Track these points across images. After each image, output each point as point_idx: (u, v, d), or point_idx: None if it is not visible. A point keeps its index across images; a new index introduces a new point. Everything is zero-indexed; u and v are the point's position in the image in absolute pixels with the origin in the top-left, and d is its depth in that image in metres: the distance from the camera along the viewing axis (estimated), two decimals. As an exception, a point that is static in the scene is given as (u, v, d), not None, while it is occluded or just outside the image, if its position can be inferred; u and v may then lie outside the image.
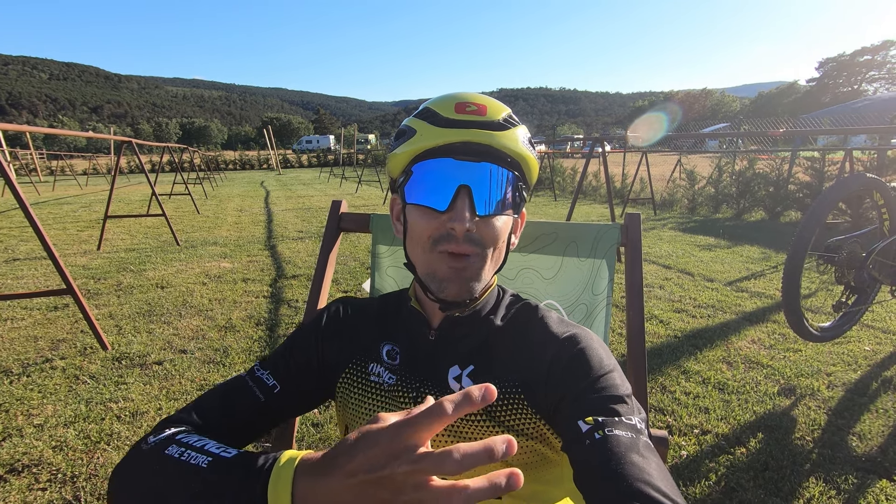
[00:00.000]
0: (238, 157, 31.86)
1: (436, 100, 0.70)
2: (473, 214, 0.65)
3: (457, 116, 0.66)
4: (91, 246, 5.91)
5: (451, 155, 0.65)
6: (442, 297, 0.68)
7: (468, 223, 0.64)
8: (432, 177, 0.66)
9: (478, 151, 0.65)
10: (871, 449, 1.88)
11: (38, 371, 2.57)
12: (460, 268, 0.66)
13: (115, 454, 1.87)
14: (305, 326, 0.79)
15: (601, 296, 0.96)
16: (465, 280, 0.67)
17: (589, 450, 0.53)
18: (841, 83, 62.37)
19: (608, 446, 0.51)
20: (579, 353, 0.64)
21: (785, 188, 7.43)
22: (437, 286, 0.67)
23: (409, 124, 0.70)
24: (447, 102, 0.68)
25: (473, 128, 0.65)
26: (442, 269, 0.66)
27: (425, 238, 0.67)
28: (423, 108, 0.70)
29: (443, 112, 0.67)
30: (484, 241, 0.67)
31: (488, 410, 0.66)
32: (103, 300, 3.77)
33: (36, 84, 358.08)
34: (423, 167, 0.67)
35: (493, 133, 0.66)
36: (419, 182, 0.67)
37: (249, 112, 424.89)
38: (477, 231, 0.66)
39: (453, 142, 0.65)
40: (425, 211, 0.67)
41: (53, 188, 16.24)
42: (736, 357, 2.69)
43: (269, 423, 0.71)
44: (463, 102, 0.67)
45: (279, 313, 3.43)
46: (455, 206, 0.64)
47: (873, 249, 2.42)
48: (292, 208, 9.75)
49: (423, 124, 0.68)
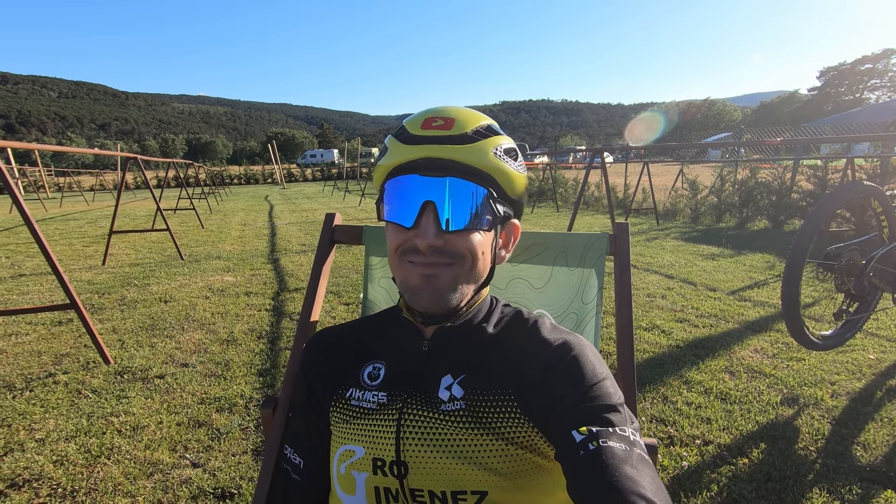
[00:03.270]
0: (243, 171, 32.11)
1: (413, 115, 0.71)
2: (439, 229, 0.65)
3: (421, 132, 0.67)
4: (96, 261, 5.96)
5: (416, 171, 0.66)
6: (415, 308, 0.69)
7: (432, 238, 0.64)
8: (399, 193, 0.67)
9: (440, 166, 0.66)
10: (876, 459, 1.86)
11: (41, 385, 2.59)
12: (430, 275, 0.66)
13: (116, 468, 1.87)
14: (297, 387, 0.81)
15: (591, 305, 0.96)
16: (437, 290, 0.67)
17: (583, 461, 0.53)
18: (842, 92, 62.46)
19: (602, 458, 0.52)
20: (572, 361, 0.64)
21: (788, 197, 7.42)
22: (410, 295, 0.69)
23: (386, 141, 0.71)
24: (418, 118, 0.69)
25: (436, 143, 0.66)
26: (412, 278, 0.67)
27: (394, 251, 0.69)
28: (400, 125, 0.71)
29: (410, 128, 0.68)
30: (456, 252, 0.67)
31: (481, 418, 0.65)
32: (107, 314, 3.80)
33: (45, 102, 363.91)
34: (392, 184, 0.69)
35: (455, 147, 0.66)
36: (389, 199, 0.69)
37: (254, 127, 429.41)
38: (449, 244, 0.66)
39: (416, 158, 0.67)
40: (395, 227, 0.68)
41: (61, 204, 16.43)
42: (738, 366, 2.67)
43: (316, 494, 0.75)
44: (431, 118, 0.68)
45: (281, 326, 3.44)
46: (420, 223, 0.65)
47: (873, 257, 2.41)
48: (296, 222, 9.81)
49: (394, 141, 0.69)
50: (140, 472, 1.86)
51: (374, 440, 0.68)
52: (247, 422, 2.21)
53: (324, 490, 0.75)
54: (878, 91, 59.93)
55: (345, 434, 0.71)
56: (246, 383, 2.57)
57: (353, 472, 0.68)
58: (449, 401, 0.68)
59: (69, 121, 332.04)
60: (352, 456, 0.69)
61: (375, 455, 0.67)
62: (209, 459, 1.93)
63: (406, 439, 0.66)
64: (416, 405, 0.69)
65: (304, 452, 0.76)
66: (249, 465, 1.89)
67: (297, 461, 0.76)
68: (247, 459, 1.93)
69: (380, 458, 0.67)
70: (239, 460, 1.92)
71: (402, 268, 0.69)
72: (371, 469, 0.67)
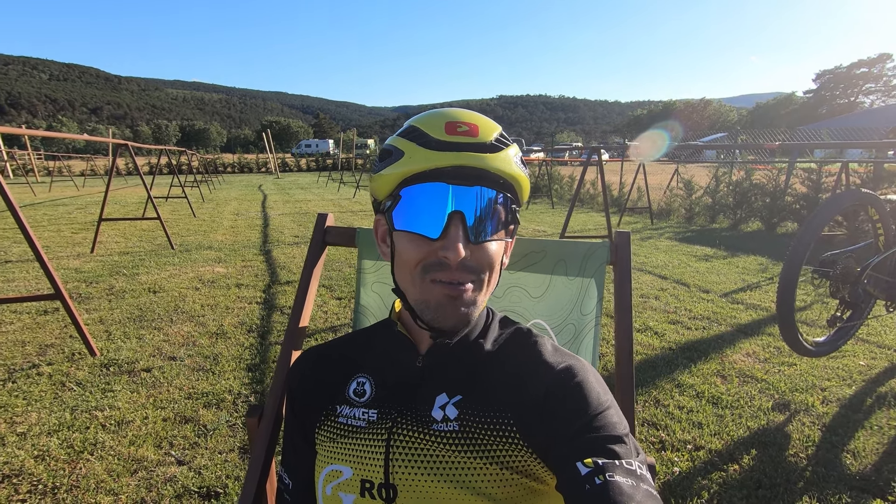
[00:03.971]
0: (237, 160, 31.78)
1: (423, 118, 0.66)
2: (467, 241, 0.61)
3: (448, 138, 0.62)
4: (85, 248, 5.87)
5: (442, 179, 0.61)
6: (437, 326, 0.65)
7: (463, 251, 0.60)
8: (423, 202, 0.62)
9: (471, 175, 0.62)
10: (866, 467, 1.86)
11: (24, 377, 2.54)
12: (455, 296, 0.62)
13: (99, 465, 1.84)
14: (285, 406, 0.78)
15: (589, 316, 0.94)
16: (461, 309, 0.63)
17: (588, 495, 0.51)
18: (838, 95, 62.88)
19: (609, 494, 0.50)
20: (576, 388, 0.61)
21: (782, 199, 7.44)
22: (431, 315, 0.64)
23: (395, 144, 0.65)
24: (436, 121, 0.64)
25: (466, 150, 0.61)
26: (435, 297, 0.63)
27: (414, 266, 0.64)
28: (409, 127, 0.65)
29: (432, 133, 0.62)
30: (480, 267, 0.64)
31: (475, 441, 0.63)
32: (94, 304, 3.74)
33: (36, 84, 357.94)
34: (412, 191, 0.63)
35: (485, 156, 0.62)
36: (408, 207, 0.63)
37: (249, 115, 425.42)
38: (474, 257, 0.63)
39: (445, 165, 0.62)
40: (415, 238, 0.63)
41: (50, 189, 16.18)
42: (730, 370, 2.67)
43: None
44: (454, 122, 0.63)
45: (272, 320, 3.40)
46: (448, 234, 0.61)
47: (868, 264, 2.41)
48: (289, 213, 9.72)
49: (411, 145, 0.63)
50: (124, 468, 1.82)
51: (363, 460, 0.65)
52: (234, 418, 2.18)
53: None
54: (872, 95, 60.35)
55: (331, 453, 0.68)
56: (235, 378, 2.54)
57: (339, 493, 0.65)
58: (442, 421, 0.65)
59: (60, 104, 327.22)
60: (338, 476, 0.66)
61: (363, 476, 0.64)
62: (195, 457, 1.90)
63: (396, 460, 0.64)
64: (406, 424, 0.66)
65: (292, 473, 0.74)
66: (236, 464, 1.86)
67: (287, 482, 0.75)
68: (233, 458, 1.90)
69: (368, 479, 0.64)
70: (225, 458, 1.89)
71: (423, 286, 0.64)
72: (359, 491, 0.64)
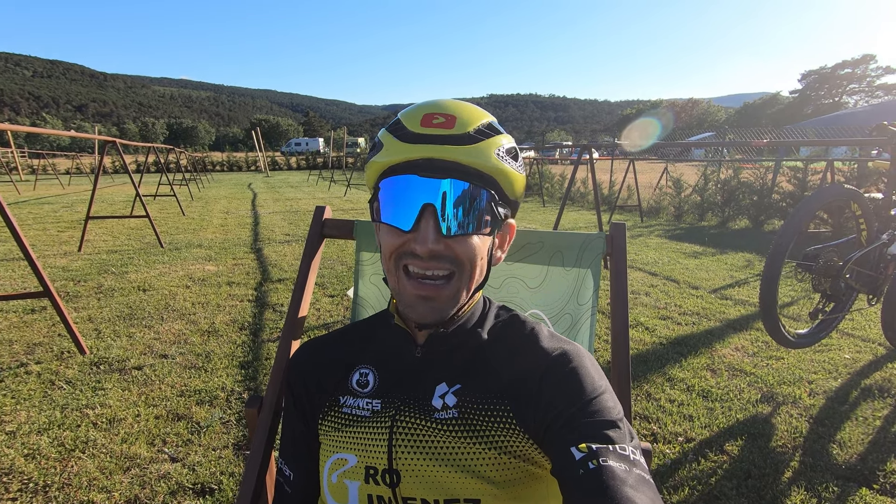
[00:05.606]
0: (226, 158, 31.53)
1: (409, 109, 0.67)
2: (439, 234, 0.62)
3: (421, 130, 0.62)
4: (72, 247, 5.79)
5: (415, 171, 0.62)
6: (416, 322, 0.67)
7: (431, 244, 0.61)
8: (396, 194, 0.63)
9: (442, 168, 0.62)
10: (852, 457, 1.90)
11: (13, 376, 2.50)
12: (427, 296, 0.64)
13: (91, 463, 1.82)
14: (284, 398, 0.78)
15: (586, 305, 0.95)
16: (435, 307, 0.65)
17: (582, 480, 0.52)
18: (822, 95, 63.80)
19: (602, 478, 0.51)
20: (571, 373, 0.62)
21: (769, 197, 7.56)
22: (405, 308, 0.66)
23: (380, 136, 0.67)
24: (416, 114, 0.64)
25: (437, 143, 0.62)
26: (407, 294, 0.65)
27: (388, 256, 0.65)
28: (394, 119, 0.67)
29: (409, 125, 0.64)
30: (457, 259, 0.64)
31: (474, 427, 0.64)
32: (83, 303, 3.69)
33: (19, 81, 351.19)
34: (388, 184, 0.64)
35: (458, 147, 0.62)
36: (385, 199, 0.65)
37: (238, 113, 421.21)
38: (449, 249, 0.63)
39: (416, 158, 0.62)
40: (392, 229, 0.64)
41: (35, 187, 15.91)
42: (720, 364, 2.71)
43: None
44: (431, 114, 0.63)
45: (263, 318, 3.38)
46: (419, 227, 0.62)
47: (850, 258, 2.46)
48: (280, 211, 9.66)
49: (389, 138, 0.65)
50: (116, 466, 1.81)
51: (367, 448, 0.66)
52: (228, 415, 2.17)
53: (314, 501, 0.74)
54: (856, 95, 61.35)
55: (336, 442, 0.69)
56: (227, 375, 2.52)
57: (345, 480, 0.66)
58: (442, 409, 0.66)
59: (44, 101, 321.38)
60: (344, 464, 0.67)
61: (368, 463, 0.65)
62: (188, 454, 1.89)
63: (398, 447, 0.65)
64: (408, 413, 0.67)
65: (293, 465, 0.74)
66: (230, 460, 1.86)
67: (287, 473, 0.74)
68: (227, 454, 1.89)
69: (372, 466, 0.65)
70: (219, 455, 1.88)
71: (397, 276, 0.65)
72: (363, 477, 0.65)
